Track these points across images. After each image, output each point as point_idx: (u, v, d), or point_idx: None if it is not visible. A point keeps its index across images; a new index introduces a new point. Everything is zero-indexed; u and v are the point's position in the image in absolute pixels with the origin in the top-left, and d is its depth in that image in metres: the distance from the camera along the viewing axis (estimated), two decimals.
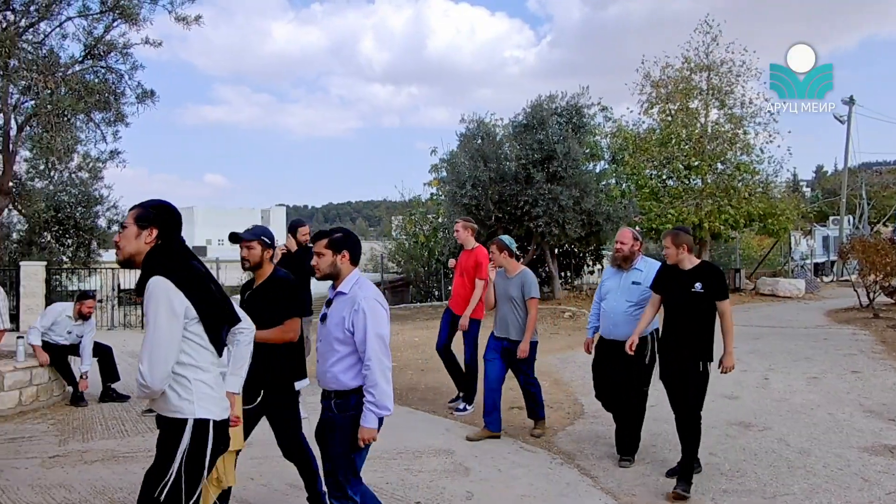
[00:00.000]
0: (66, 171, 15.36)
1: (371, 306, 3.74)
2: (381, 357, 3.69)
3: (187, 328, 2.94)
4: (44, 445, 6.44)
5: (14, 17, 7.72)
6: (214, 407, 3.02)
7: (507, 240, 6.68)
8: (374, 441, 3.77)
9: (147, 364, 2.83)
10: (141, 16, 7.63)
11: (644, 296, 5.76)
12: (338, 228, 4.16)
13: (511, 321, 6.58)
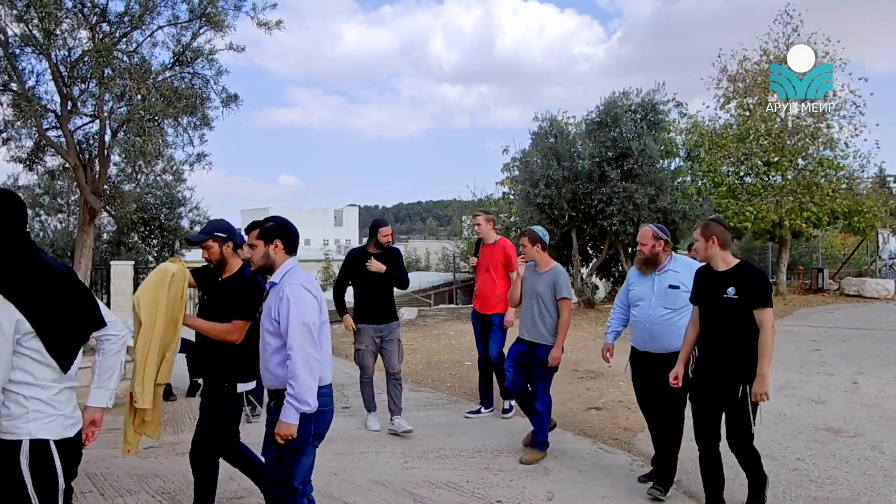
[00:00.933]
0: (151, 174, 15.98)
1: (296, 293, 3.55)
2: (304, 347, 3.47)
3: (21, 343, 2.59)
4: None
5: (109, 28, 8.08)
6: (56, 426, 2.68)
7: (539, 231, 6.09)
8: (291, 439, 3.50)
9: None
10: (226, 22, 7.91)
11: (685, 302, 5.05)
12: (271, 218, 3.99)
13: (538, 321, 5.97)
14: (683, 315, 5.06)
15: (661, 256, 5.27)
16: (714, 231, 4.58)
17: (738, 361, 4.41)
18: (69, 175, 10.88)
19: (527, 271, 6.13)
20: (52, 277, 2.67)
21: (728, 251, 4.60)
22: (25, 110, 7.34)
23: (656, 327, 5.17)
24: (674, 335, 5.04)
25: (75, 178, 8.27)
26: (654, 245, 5.25)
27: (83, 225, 8.44)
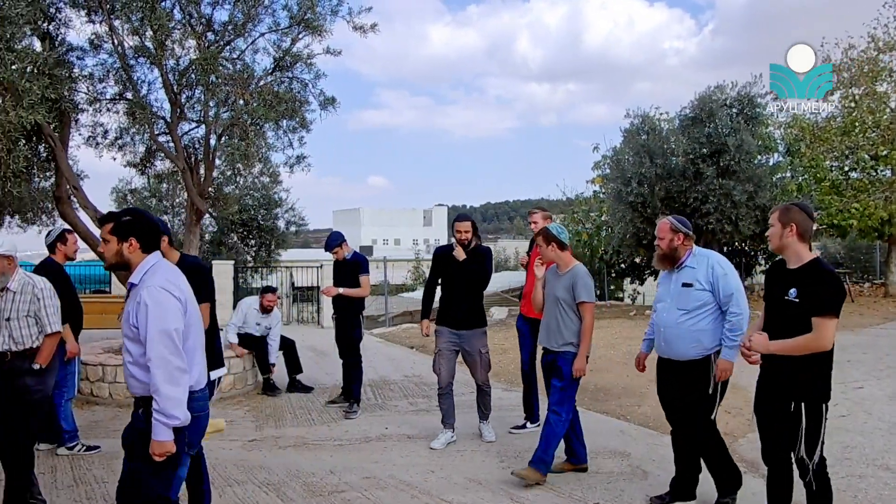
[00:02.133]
0: (249, 176, 16.57)
1: (154, 296, 3.21)
2: (166, 357, 3.15)
3: None
4: (243, 430, 7.00)
5: (214, 37, 8.43)
6: None
7: (555, 229, 5.57)
8: (169, 455, 3.21)
9: None
10: (324, 27, 8.12)
11: (700, 301, 4.54)
12: (127, 210, 3.68)
13: (554, 328, 5.46)
14: (701, 318, 4.56)
15: (680, 251, 4.73)
16: (794, 217, 3.94)
17: (794, 373, 3.87)
18: (174, 178, 11.43)
19: (548, 274, 5.69)
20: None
21: (806, 245, 3.98)
22: (139, 118, 7.74)
23: (670, 331, 4.66)
24: (688, 340, 4.57)
25: (183, 180, 8.66)
26: (672, 239, 4.71)
27: (190, 226, 8.83)
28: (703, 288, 4.55)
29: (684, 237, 4.70)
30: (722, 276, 4.55)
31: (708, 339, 4.56)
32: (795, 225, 3.91)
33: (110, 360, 7.98)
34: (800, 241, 3.94)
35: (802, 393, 3.87)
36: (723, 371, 4.51)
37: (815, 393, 3.87)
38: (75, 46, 8.24)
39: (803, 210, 3.98)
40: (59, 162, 7.49)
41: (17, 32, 5.53)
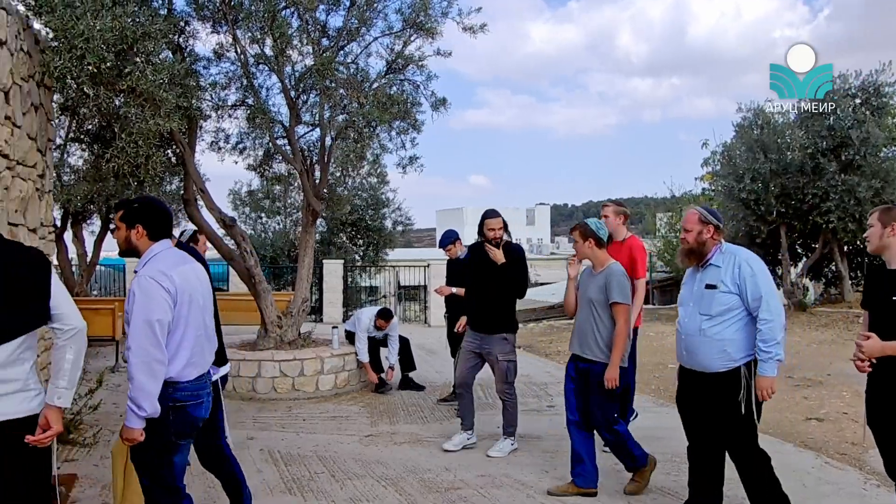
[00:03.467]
0: (358, 177, 17.00)
1: (143, 286, 3.15)
2: (145, 347, 3.07)
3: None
4: (358, 425, 7.20)
5: (328, 43, 8.68)
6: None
7: (593, 224, 5.12)
8: (136, 442, 3.16)
9: None
10: (437, 29, 8.22)
11: (725, 305, 4.09)
12: (138, 197, 3.63)
13: (589, 333, 5.00)
14: (727, 324, 4.09)
15: (708, 245, 4.24)
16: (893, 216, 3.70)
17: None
18: (287, 180, 11.84)
19: (583, 274, 5.27)
20: None
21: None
22: (261, 122, 8.06)
23: (692, 340, 4.21)
24: (712, 350, 4.11)
25: (301, 182, 8.96)
26: (702, 231, 4.23)
27: (306, 226, 9.13)
28: (728, 290, 4.09)
29: (714, 230, 4.25)
30: (749, 276, 4.05)
31: (736, 349, 4.06)
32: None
33: (234, 356, 8.33)
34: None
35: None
36: (762, 390, 4.00)
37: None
38: (201, 56, 8.66)
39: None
40: (187, 166, 7.90)
41: (156, 46, 5.87)
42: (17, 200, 5.29)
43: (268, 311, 8.75)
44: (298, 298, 9.07)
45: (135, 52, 5.99)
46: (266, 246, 19.29)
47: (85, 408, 6.60)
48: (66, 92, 6.57)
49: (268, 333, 8.76)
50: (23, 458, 2.69)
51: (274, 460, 5.93)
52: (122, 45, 5.64)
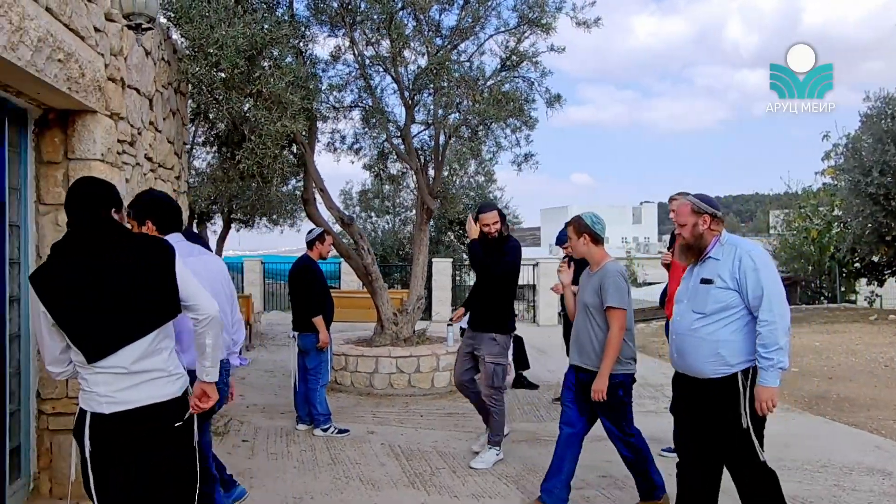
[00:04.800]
0: (465, 175, 17.07)
1: None
2: None
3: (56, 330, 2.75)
4: (475, 422, 7.16)
5: (442, 42, 8.74)
6: (91, 401, 2.78)
7: (588, 218, 4.61)
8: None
9: None
10: (552, 25, 8.13)
11: (721, 303, 3.59)
12: (145, 192, 3.64)
13: (586, 341, 4.53)
14: (721, 324, 3.60)
15: (706, 238, 3.73)
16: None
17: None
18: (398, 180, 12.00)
19: (583, 275, 4.75)
20: (76, 276, 2.72)
21: None
22: (379, 122, 8.22)
23: (683, 340, 3.73)
24: (703, 352, 3.62)
25: (416, 181, 9.06)
26: (696, 223, 3.72)
27: (420, 224, 9.23)
28: (725, 286, 3.58)
29: (711, 220, 3.72)
30: (751, 270, 3.52)
31: (731, 353, 3.55)
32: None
33: (352, 351, 8.56)
34: None
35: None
36: (762, 402, 3.45)
37: None
38: (319, 59, 8.91)
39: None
40: (308, 166, 8.14)
41: (283, 51, 6.09)
42: None
43: (384, 308, 8.90)
44: (414, 296, 9.18)
45: (262, 58, 6.23)
46: (376, 245, 19.67)
47: None
48: (199, 97, 6.90)
49: (384, 330, 8.91)
50: (171, 437, 2.86)
51: (395, 455, 6.01)
52: (252, 51, 5.87)
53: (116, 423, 2.76)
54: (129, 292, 2.78)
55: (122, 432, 2.77)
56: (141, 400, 2.78)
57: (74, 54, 3.77)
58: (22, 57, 3.16)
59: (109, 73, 4.41)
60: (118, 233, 2.86)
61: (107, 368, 2.76)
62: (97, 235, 2.79)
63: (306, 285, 6.59)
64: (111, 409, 2.75)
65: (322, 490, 5.11)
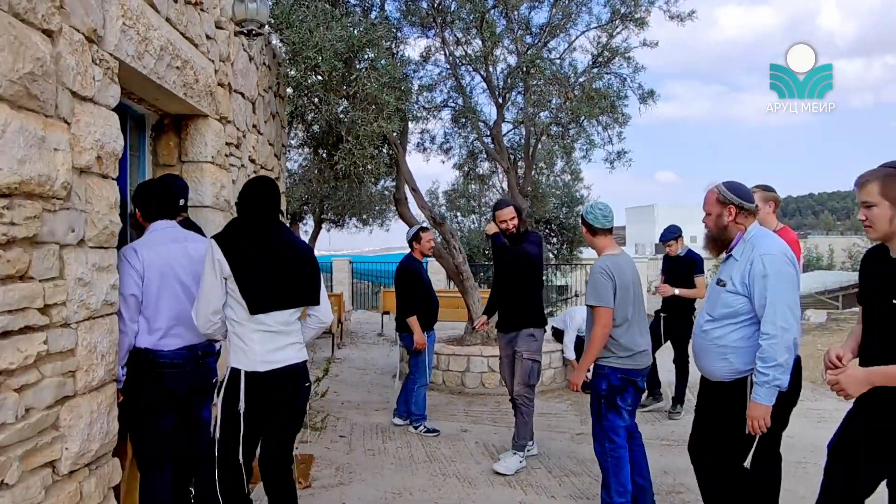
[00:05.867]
0: (552, 174, 16.92)
1: (119, 261, 3.25)
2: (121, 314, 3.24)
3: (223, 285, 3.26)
4: (568, 422, 7.13)
5: (532, 39, 8.69)
6: (246, 361, 3.28)
7: (590, 208, 4.46)
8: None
9: (194, 309, 3.30)
10: (646, 20, 7.98)
11: (730, 308, 3.36)
12: (142, 182, 3.89)
13: (587, 339, 4.46)
14: (730, 329, 3.37)
15: (731, 231, 3.45)
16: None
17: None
18: (486, 179, 12.00)
19: None
20: (259, 249, 3.32)
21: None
22: (471, 121, 8.24)
23: (698, 341, 3.57)
24: (713, 355, 3.43)
25: (507, 180, 9.04)
26: (721, 214, 3.44)
27: None
28: (735, 290, 3.33)
29: (737, 211, 3.41)
30: (759, 276, 3.24)
31: (740, 359, 3.32)
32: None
33: (444, 350, 8.61)
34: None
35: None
36: (752, 420, 3.22)
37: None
38: (410, 60, 9.00)
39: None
40: (400, 166, 8.23)
41: (378, 53, 6.18)
42: None
43: (475, 308, 8.92)
44: None
45: (358, 60, 6.33)
46: (462, 244, 19.67)
47: (314, 395, 7.06)
48: (296, 100, 7.07)
49: (475, 329, 8.92)
50: (303, 392, 3.49)
51: (489, 453, 6.01)
52: (349, 54, 5.97)
53: (270, 379, 3.31)
54: (295, 269, 3.41)
55: (272, 387, 3.32)
56: (287, 360, 3.36)
57: (190, 61, 3.93)
58: (146, 65, 3.31)
59: (219, 78, 4.57)
60: (280, 224, 3.55)
61: (262, 326, 3.30)
62: (269, 221, 3.42)
63: (406, 286, 6.66)
64: (265, 368, 3.30)
65: (420, 486, 5.16)
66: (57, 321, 2.52)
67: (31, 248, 2.35)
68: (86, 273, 2.71)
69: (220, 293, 3.25)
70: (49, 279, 2.47)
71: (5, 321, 2.21)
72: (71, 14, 2.59)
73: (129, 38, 3.10)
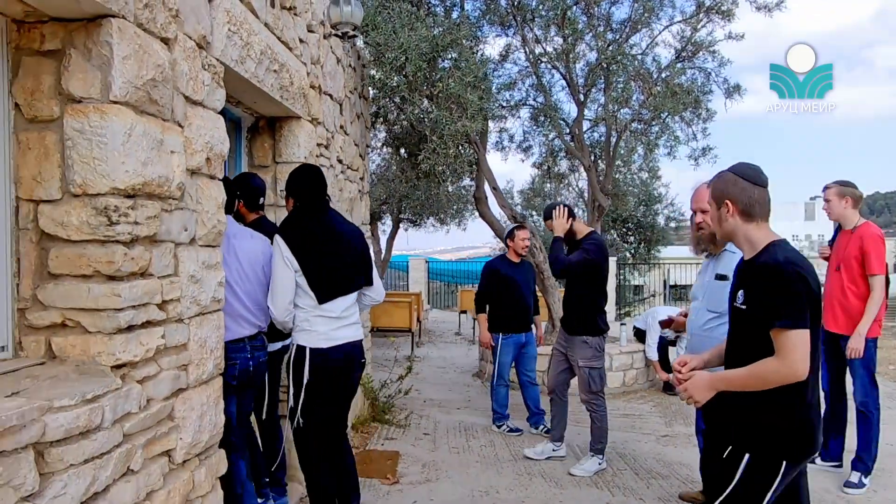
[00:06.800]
0: (629, 172, 16.65)
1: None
2: None
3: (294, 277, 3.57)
4: (652, 424, 7.01)
5: (613, 35, 8.58)
6: (311, 339, 3.63)
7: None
8: None
9: (271, 300, 3.61)
10: (733, 11, 7.78)
11: None
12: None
13: None
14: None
15: None
16: (726, 190, 2.67)
17: (747, 413, 2.57)
18: (563, 178, 11.90)
19: None
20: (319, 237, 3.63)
21: (757, 224, 2.63)
22: (552, 119, 8.19)
23: (696, 340, 3.49)
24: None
25: (588, 178, 8.95)
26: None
27: (592, 222, 9.10)
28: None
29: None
30: None
31: None
32: (731, 201, 2.64)
33: None
34: (746, 221, 2.63)
35: (753, 442, 2.55)
36: None
37: (766, 443, 2.53)
38: (490, 59, 9.00)
39: (740, 175, 2.66)
40: (481, 165, 8.24)
41: (463, 53, 6.21)
42: (347, 201, 5.88)
43: (555, 307, 8.86)
44: None
45: (441, 59, 6.38)
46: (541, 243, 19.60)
47: (398, 393, 7.15)
48: (380, 101, 7.17)
49: (555, 328, 8.86)
50: (359, 367, 3.89)
51: (575, 454, 5.96)
52: (433, 54, 6.02)
53: (332, 355, 3.65)
54: (353, 255, 3.76)
55: (333, 361, 3.66)
56: (346, 337, 3.72)
57: (285, 65, 4.03)
58: (248, 69, 3.42)
59: (310, 80, 4.68)
60: (332, 210, 3.86)
61: (325, 312, 3.64)
62: (327, 208, 3.76)
63: (483, 284, 6.74)
64: (328, 344, 3.65)
65: (506, 485, 5.16)
66: (172, 316, 2.63)
67: (150, 246, 2.47)
68: (197, 270, 2.82)
69: (293, 285, 3.58)
70: (166, 276, 2.58)
71: (130, 316, 2.32)
72: (185, 22, 2.70)
73: (234, 44, 3.21)
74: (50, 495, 1.94)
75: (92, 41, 2.22)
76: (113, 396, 2.22)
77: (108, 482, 2.21)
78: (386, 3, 6.36)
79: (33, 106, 2.26)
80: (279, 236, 3.56)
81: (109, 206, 2.23)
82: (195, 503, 2.85)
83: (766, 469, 2.49)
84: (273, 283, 3.59)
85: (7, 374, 2.12)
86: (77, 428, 2.03)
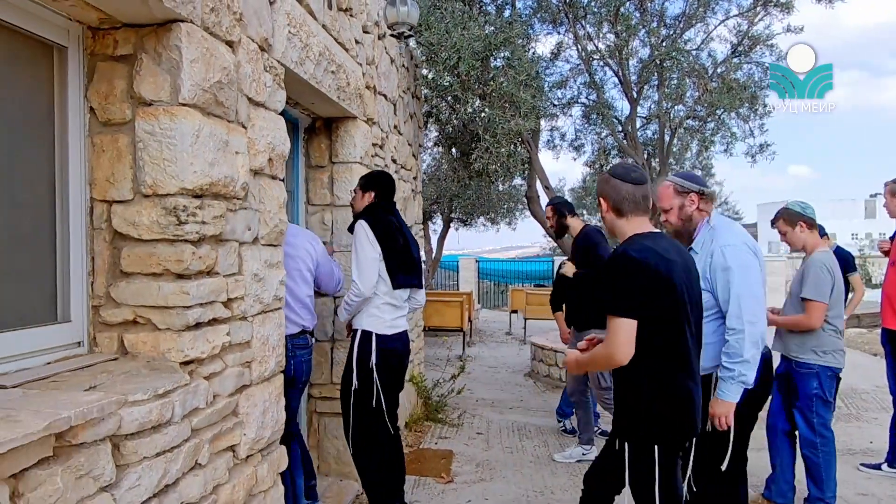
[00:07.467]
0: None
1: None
2: None
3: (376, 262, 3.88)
4: None
5: (667, 31, 8.45)
6: (378, 325, 3.95)
7: (797, 205, 4.29)
8: None
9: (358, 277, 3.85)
10: (793, 4, 7.60)
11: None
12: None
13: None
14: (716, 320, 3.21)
15: (695, 220, 3.35)
16: (603, 190, 2.79)
17: (623, 403, 2.72)
18: None
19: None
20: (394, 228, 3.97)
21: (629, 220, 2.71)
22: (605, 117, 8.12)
23: None
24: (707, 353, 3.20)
25: None
26: (683, 205, 3.35)
27: None
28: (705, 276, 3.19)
29: (699, 198, 3.34)
30: (720, 269, 3.16)
31: (705, 354, 3.05)
32: (604, 198, 2.78)
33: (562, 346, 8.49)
34: (617, 217, 2.74)
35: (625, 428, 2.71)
36: (715, 417, 3.14)
37: (634, 430, 2.67)
38: (541, 57, 8.96)
39: (612, 175, 2.79)
40: (533, 164, 8.21)
41: (516, 51, 6.19)
42: (401, 200, 5.91)
43: None
44: None
45: (494, 58, 6.37)
46: None
47: (450, 392, 7.16)
48: (432, 101, 7.20)
49: None
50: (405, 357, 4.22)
51: None
52: (486, 53, 6.02)
53: (393, 339, 4.00)
54: (416, 255, 4.17)
55: (394, 346, 4.01)
56: (402, 326, 4.11)
57: (342, 65, 4.08)
58: (307, 71, 3.47)
59: (366, 81, 4.72)
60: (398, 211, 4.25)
61: (393, 300, 4.00)
62: (395, 209, 4.16)
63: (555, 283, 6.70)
64: (391, 331, 4.01)
65: (561, 486, 5.12)
66: (237, 314, 2.69)
67: (216, 245, 2.52)
68: (260, 269, 2.87)
69: (375, 271, 3.87)
70: (230, 275, 2.64)
71: (198, 313, 2.38)
72: (248, 25, 2.75)
73: (294, 46, 3.26)
74: (126, 486, 2.00)
75: (162, 46, 2.28)
76: (182, 392, 2.27)
77: (178, 475, 2.26)
78: (438, 2, 6.38)
79: (107, 109, 2.34)
80: (364, 222, 3.88)
81: (178, 205, 2.29)
82: (258, 498, 2.91)
83: (644, 455, 2.62)
84: (359, 262, 3.86)
85: (84, 369, 2.19)
86: (150, 422, 2.09)
